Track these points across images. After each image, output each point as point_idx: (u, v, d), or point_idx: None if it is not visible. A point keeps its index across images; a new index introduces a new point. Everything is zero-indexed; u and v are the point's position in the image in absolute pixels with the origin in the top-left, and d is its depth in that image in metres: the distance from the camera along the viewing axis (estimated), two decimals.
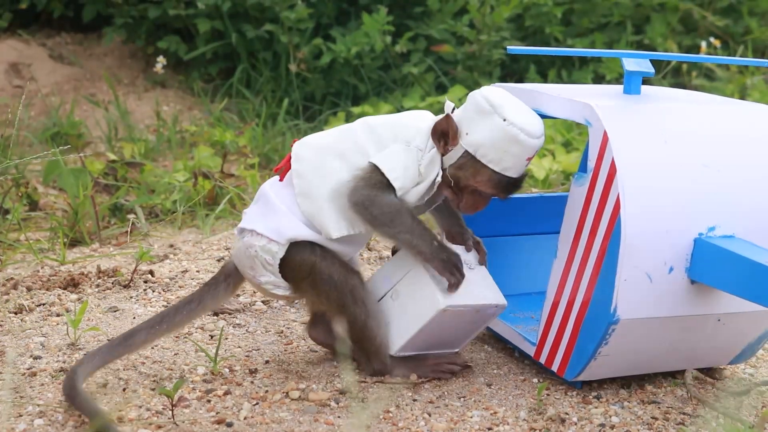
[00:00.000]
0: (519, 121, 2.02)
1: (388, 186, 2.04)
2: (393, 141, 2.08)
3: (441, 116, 2.09)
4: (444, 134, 2.06)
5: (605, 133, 2.00)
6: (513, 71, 5.22)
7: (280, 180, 2.14)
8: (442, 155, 2.08)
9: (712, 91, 5.02)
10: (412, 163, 2.06)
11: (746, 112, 2.19)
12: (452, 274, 2.06)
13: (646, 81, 2.22)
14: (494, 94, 2.06)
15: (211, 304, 2.20)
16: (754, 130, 2.14)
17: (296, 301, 2.52)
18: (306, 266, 2.09)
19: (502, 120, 2.01)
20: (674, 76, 5.32)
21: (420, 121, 2.12)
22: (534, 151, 2.05)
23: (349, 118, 4.80)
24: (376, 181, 2.05)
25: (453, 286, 2.07)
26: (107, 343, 2.12)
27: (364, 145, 2.09)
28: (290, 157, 2.13)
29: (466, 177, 2.06)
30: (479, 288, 2.12)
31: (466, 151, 2.05)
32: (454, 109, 2.10)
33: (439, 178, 2.08)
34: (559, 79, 5.11)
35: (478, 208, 2.11)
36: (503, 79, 5.14)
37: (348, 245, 2.13)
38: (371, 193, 2.04)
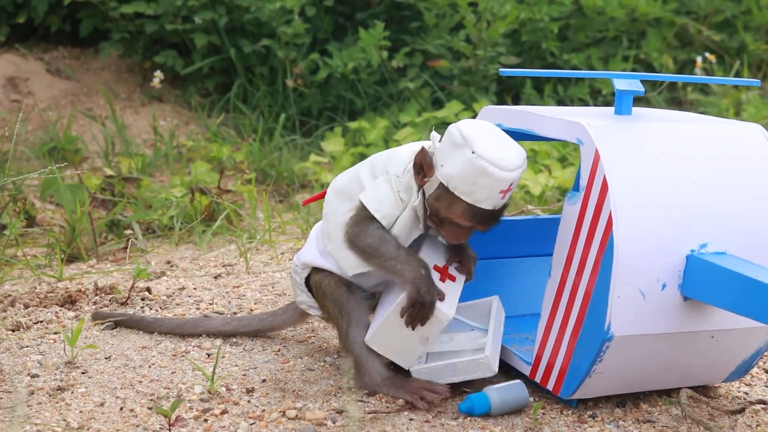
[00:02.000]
0: (488, 153, 2.01)
1: (374, 219, 2.11)
2: (382, 174, 2.14)
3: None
4: (420, 166, 2.08)
5: (597, 152, 2.02)
6: (509, 86, 5.24)
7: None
8: (420, 186, 2.10)
9: (707, 106, 5.04)
10: (389, 192, 2.12)
11: (735, 131, 2.21)
12: (416, 306, 2.09)
13: (642, 96, 2.24)
14: (469, 126, 2.07)
15: (280, 323, 2.46)
16: (744, 149, 2.16)
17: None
18: (316, 286, 2.25)
19: (471, 152, 2.01)
20: (669, 91, 5.35)
21: (408, 150, 2.15)
22: (507, 183, 2.03)
23: (346, 133, 4.82)
24: (362, 216, 2.12)
25: (409, 317, 2.09)
26: (178, 319, 2.49)
27: (363, 183, 2.16)
28: (322, 195, 2.30)
29: (443, 208, 2.08)
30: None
31: (441, 183, 2.07)
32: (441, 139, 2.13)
33: (418, 206, 2.11)
34: (555, 94, 5.14)
35: (460, 239, 2.13)
36: (499, 94, 5.16)
37: (366, 279, 2.22)
38: (357, 229, 2.12)
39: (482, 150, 2.02)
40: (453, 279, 2.19)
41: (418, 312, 2.08)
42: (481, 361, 2.14)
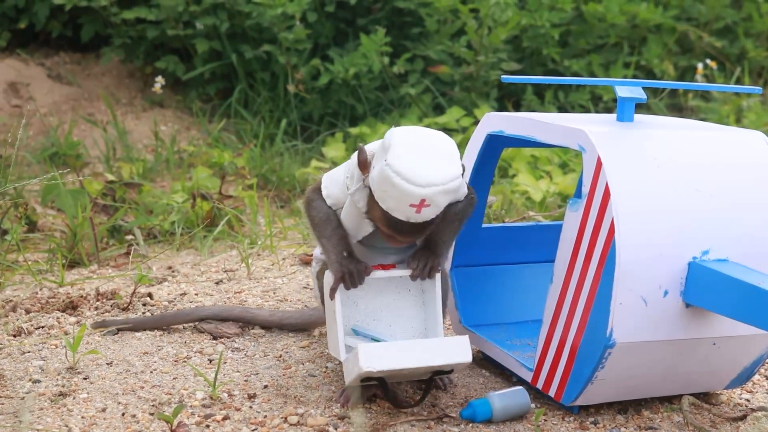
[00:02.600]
0: (398, 164, 1.98)
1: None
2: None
3: None
4: (360, 164, 2.10)
5: (599, 159, 2.02)
6: (510, 92, 5.24)
7: None
8: (363, 181, 2.12)
9: (708, 113, 5.05)
10: (340, 176, 2.18)
11: (737, 138, 2.21)
12: (338, 280, 2.14)
13: (643, 103, 2.25)
14: (400, 132, 2.05)
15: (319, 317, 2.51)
16: (745, 156, 2.17)
17: None
18: (317, 277, 2.31)
19: (385, 160, 2.00)
20: (670, 97, 5.35)
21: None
22: (417, 198, 1.98)
23: (347, 138, 4.82)
24: (319, 189, 2.20)
25: (332, 290, 2.14)
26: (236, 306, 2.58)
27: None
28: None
29: (369, 209, 2.10)
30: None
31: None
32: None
33: (357, 199, 2.12)
34: (556, 100, 5.14)
35: (393, 244, 2.12)
36: (500, 99, 5.17)
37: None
38: (311, 197, 2.20)
39: (394, 160, 1.99)
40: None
41: (339, 280, 2.14)
42: (348, 361, 2.09)
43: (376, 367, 2.01)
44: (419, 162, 1.99)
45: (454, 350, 2.05)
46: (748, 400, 2.30)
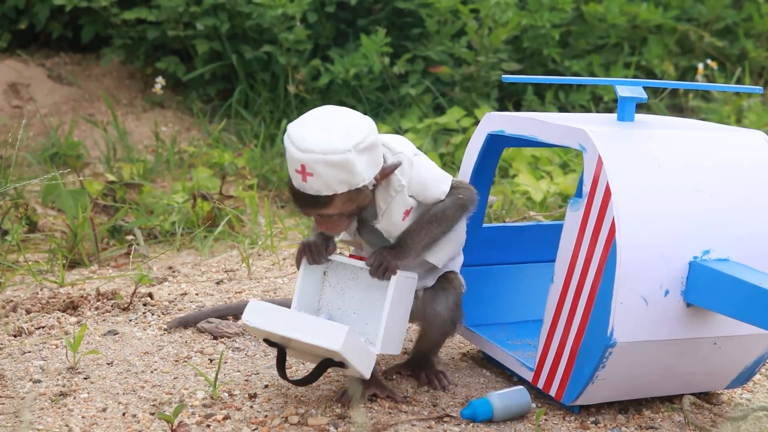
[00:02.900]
0: (292, 129, 2.03)
1: None
2: None
3: None
4: None
5: (600, 159, 2.02)
6: (511, 93, 5.24)
7: None
8: None
9: (709, 113, 5.05)
10: None
11: (738, 138, 2.21)
12: (300, 251, 2.19)
13: (643, 103, 2.25)
14: (324, 109, 2.09)
15: None
16: (746, 155, 2.17)
17: None
18: None
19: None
20: (671, 97, 5.35)
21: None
22: (297, 163, 2.00)
23: None
24: None
25: (297, 260, 2.20)
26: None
27: None
28: None
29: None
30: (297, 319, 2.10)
31: None
32: None
33: None
34: (557, 101, 5.14)
35: (319, 226, 2.13)
36: (500, 100, 5.17)
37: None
38: None
39: (292, 125, 2.04)
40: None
41: (301, 252, 2.19)
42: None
43: (252, 323, 2.06)
44: (308, 129, 2.02)
45: (328, 335, 2.00)
46: (749, 400, 2.30)
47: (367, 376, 2.07)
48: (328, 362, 2.07)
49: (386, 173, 2.08)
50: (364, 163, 2.02)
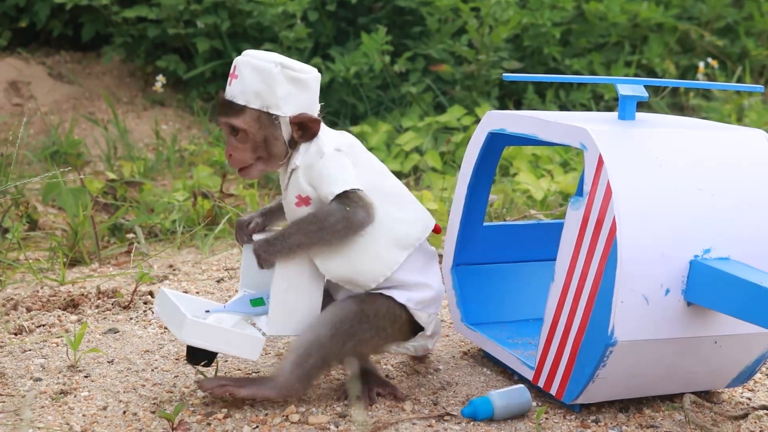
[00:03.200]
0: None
1: None
2: None
3: None
4: None
5: (600, 157, 2.02)
6: (511, 91, 5.24)
7: None
8: None
9: (709, 111, 5.05)
10: None
11: (739, 137, 2.21)
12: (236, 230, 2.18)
13: (644, 101, 2.25)
14: None
15: None
16: (747, 155, 2.17)
17: None
18: None
19: None
20: (672, 96, 5.35)
21: None
22: (232, 65, 2.06)
23: None
24: None
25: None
26: None
27: None
28: None
29: None
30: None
31: None
32: None
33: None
34: (557, 99, 5.14)
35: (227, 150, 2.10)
36: (501, 98, 5.17)
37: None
38: None
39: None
40: None
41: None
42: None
43: (155, 311, 2.15)
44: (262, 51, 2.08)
45: (175, 323, 2.06)
46: (749, 399, 2.30)
47: (253, 357, 2.06)
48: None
49: (302, 122, 2.04)
50: (286, 91, 2.02)
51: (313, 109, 2.08)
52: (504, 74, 2.26)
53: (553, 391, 2.14)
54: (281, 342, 2.49)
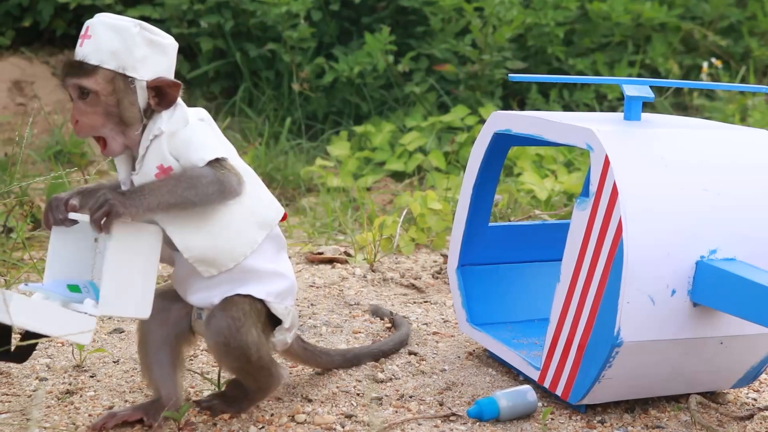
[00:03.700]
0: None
1: None
2: None
3: None
4: None
5: (606, 158, 2.02)
6: (515, 91, 5.24)
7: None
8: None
9: (713, 111, 5.05)
10: None
11: (744, 137, 2.21)
12: (45, 212, 1.94)
13: (649, 101, 2.25)
14: None
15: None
16: (753, 155, 2.16)
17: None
18: None
19: None
20: (675, 96, 5.35)
21: None
22: (84, 27, 1.92)
23: (352, 137, 4.82)
24: None
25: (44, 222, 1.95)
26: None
27: None
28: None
29: None
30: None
31: None
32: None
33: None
34: (561, 99, 5.14)
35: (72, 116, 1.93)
36: (505, 98, 5.17)
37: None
38: None
39: None
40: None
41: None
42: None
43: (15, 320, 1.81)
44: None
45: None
46: (755, 399, 2.30)
47: (84, 342, 1.88)
48: (31, 334, 1.87)
49: (160, 86, 1.90)
50: (144, 53, 1.89)
51: (170, 76, 1.93)
52: (510, 74, 2.26)
53: (558, 392, 2.14)
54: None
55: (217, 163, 1.89)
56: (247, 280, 1.99)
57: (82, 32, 1.90)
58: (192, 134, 1.91)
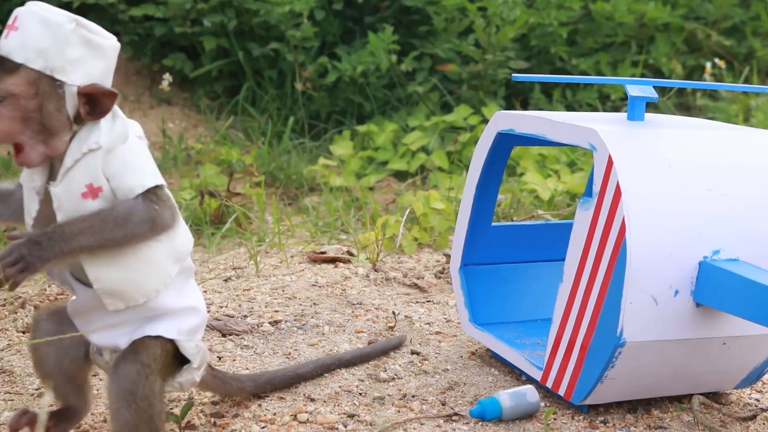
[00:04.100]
0: None
1: None
2: None
3: None
4: None
5: (610, 158, 2.02)
6: (518, 91, 5.24)
7: None
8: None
9: (716, 112, 5.04)
10: None
11: (748, 138, 2.21)
12: None
13: (652, 102, 2.25)
14: None
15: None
16: (757, 156, 2.16)
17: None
18: None
19: None
20: (678, 96, 5.35)
21: None
22: (13, 18, 1.66)
23: (354, 136, 4.82)
24: None
25: None
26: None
27: None
28: None
29: None
30: None
31: None
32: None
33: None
34: (564, 99, 5.14)
35: None
36: (508, 98, 5.17)
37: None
38: None
39: None
40: None
41: None
42: None
43: None
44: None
45: None
46: (758, 400, 2.30)
47: None
48: None
49: (93, 94, 1.68)
50: (78, 54, 1.66)
51: (106, 82, 1.70)
52: (513, 74, 2.26)
53: (561, 392, 2.14)
54: (288, 342, 2.49)
55: (153, 193, 1.72)
56: (156, 318, 1.80)
57: (10, 21, 1.66)
58: (131, 155, 1.71)
